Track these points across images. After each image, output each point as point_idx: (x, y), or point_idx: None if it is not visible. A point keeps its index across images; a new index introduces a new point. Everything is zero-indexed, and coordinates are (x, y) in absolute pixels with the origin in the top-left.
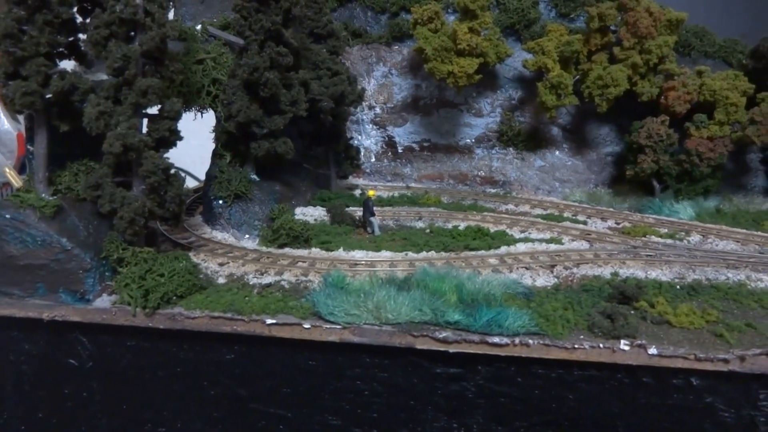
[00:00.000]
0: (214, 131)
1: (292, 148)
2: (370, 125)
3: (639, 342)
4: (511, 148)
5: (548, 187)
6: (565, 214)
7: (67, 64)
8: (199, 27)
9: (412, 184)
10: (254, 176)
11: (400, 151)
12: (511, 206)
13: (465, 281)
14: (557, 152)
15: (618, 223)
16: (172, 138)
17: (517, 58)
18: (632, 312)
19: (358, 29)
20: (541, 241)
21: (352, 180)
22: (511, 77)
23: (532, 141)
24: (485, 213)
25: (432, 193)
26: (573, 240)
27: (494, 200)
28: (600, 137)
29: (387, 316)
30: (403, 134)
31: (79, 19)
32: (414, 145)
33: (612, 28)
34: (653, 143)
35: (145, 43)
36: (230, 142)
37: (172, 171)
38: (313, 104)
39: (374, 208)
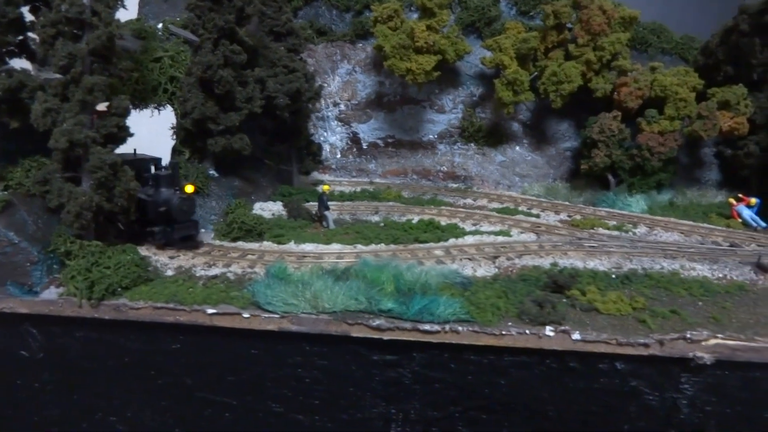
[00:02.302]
0: (173, 128)
1: (249, 144)
2: (335, 122)
3: (563, 328)
4: (472, 144)
5: (508, 182)
6: (520, 208)
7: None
8: (160, 25)
9: (377, 180)
10: (213, 172)
11: (364, 147)
12: (469, 200)
13: (404, 271)
14: (517, 147)
15: (570, 216)
16: (120, 134)
17: (478, 56)
18: (564, 300)
19: (323, 27)
20: (490, 233)
21: (318, 176)
22: (473, 74)
23: (493, 137)
24: (442, 207)
25: (395, 188)
26: (522, 232)
27: (455, 195)
28: (559, 133)
29: (324, 305)
30: (368, 130)
31: (31, 18)
32: (378, 141)
33: (568, 25)
34: (606, 138)
35: (92, 42)
36: (188, 138)
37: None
38: (270, 101)
39: (330, 203)
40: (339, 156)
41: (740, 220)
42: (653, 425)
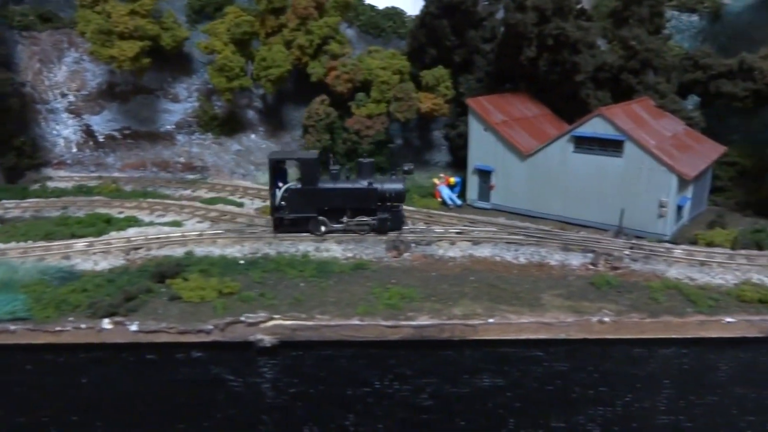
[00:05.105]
0: None
1: None
2: (66, 114)
3: (118, 320)
4: (210, 134)
5: (243, 171)
6: (232, 197)
7: None
8: None
9: (116, 174)
10: None
11: (101, 140)
12: (188, 192)
13: None
14: (253, 136)
15: None
16: None
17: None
18: (163, 289)
19: (48, 13)
20: (162, 224)
21: (52, 172)
22: (206, 61)
23: (228, 125)
24: (144, 200)
25: (123, 182)
26: (200, 221)
27: (183, 186)
28: (296, 120)
29: None
30: (102, 122)
31: None
32: (115, 133)
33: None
34: (314, 123)
35: None
36: None
37: None
38: None
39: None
40: (75, 150)
41: (440, 200)
42: (244, 412)
